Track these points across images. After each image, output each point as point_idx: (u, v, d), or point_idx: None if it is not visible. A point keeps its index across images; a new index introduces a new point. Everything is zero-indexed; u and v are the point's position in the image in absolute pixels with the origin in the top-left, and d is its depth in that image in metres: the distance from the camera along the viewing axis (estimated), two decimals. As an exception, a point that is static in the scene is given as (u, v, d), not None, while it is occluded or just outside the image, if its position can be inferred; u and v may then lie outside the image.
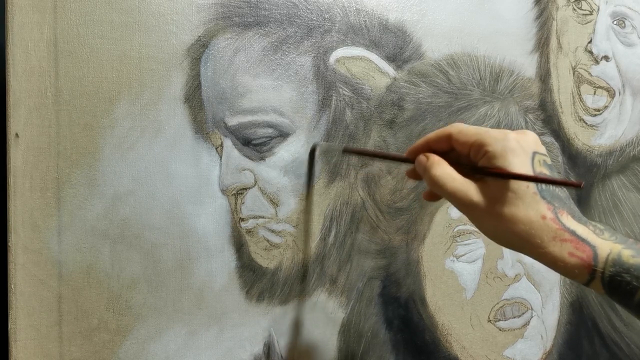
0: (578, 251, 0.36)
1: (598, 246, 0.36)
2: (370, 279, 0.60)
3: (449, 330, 0.63)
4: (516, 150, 0.38)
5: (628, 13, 0.76)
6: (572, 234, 0.37)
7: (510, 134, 0.39)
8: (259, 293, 0.55)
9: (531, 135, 0.39)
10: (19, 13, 0.47)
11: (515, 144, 0.38)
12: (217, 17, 0.53)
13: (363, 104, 0.59)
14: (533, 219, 0.36)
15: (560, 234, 0.36)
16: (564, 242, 0.36)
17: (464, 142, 0.40)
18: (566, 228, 0.37)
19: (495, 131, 0.39)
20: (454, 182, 0.39)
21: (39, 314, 0.47)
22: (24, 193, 0.47)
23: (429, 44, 0.63)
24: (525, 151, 0.38)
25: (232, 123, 0.53)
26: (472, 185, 0.39)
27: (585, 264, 0.36)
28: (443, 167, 0.40)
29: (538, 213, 0.36)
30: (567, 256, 0.36)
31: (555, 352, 0.69)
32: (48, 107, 0.48)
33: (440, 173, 0.40)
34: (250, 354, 0.54)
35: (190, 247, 0.52)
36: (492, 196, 0.38)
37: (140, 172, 0.50)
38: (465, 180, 0.39)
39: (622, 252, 0.36)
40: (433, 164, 0.41)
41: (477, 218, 0.39)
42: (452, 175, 0.39)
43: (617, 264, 0.36)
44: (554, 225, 0.36)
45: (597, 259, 0.36)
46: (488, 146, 0.38)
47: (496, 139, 0.38)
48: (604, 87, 0.74)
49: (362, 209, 0.59)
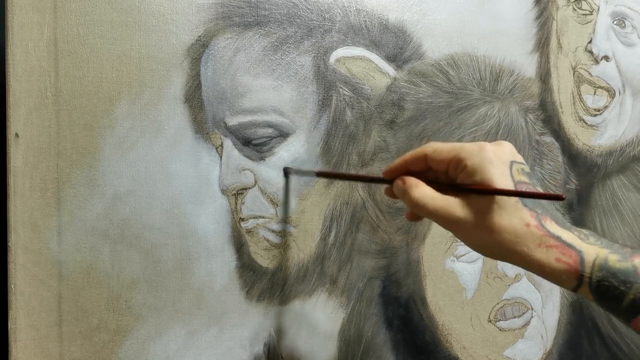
0: (564, 256, 0.36)
1: (584, 251, 0.36)
2: (371, 279, 0.60)
3: (449, 330, 0.63)
4: (494, 161, 0.38)
5: (628, 13, 0.76)
6: (558, 240, 0.37)
7: (487, 145, 0.39)
8: (259, 293, 0.55)
9: (507, 145, 0.40)
10: (19, 13, 0.47)
11: (492, 155, 0.38)
12: (217, 17, 0.53)
13: (363, 104, 0.59)
14: (517, 227, 0.36)
15: (545, 240, 0.36)
16: (550, 248, 0.36)
17: (441, 159, 0.40)
18: (551, 234, 0.37)
19: (470, 145, 0.39)
20: (434, 201, 0.39)
21: (39, 314, 0.47)
22: (24, 193, 0.47)
23: (429, 44, 0.63)
24: (503, 161, 0.38)
25: (232, 123, 0.53)
26: (453, 201, 0.39)
27: (572, 269, 0.36)
28: (421, 188, 0.40)
29: (522, 221, 0.37)
30: (553, 262, 0.36)
31: (555, 352, 0.69)
32: (48, 107, 0.47)
33: (419, 195, 0.40)
34: (250, 354, 0.54)
35: (190, 247, 0.52)
36: (474, 209, 0.38)
37: (140, 172, 0.50)
38: (446, 197, 0.39)
39: (608, 257, 0.36)
40: (411, 186, 0.41)
41: (462, 233, 0.39)
42: (431, 195, 0.40)
43: (604, 268, 0.36)
44: (539, 232, 0.36)
45: (584, 263, 0.36)
46: (466, 160, 0.39)
47: (473, 153, 0.39)
48: (604, 87, 0.74)
49: (363, 209, 0.59)
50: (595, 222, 0.73)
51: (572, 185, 0.72)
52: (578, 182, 0.72)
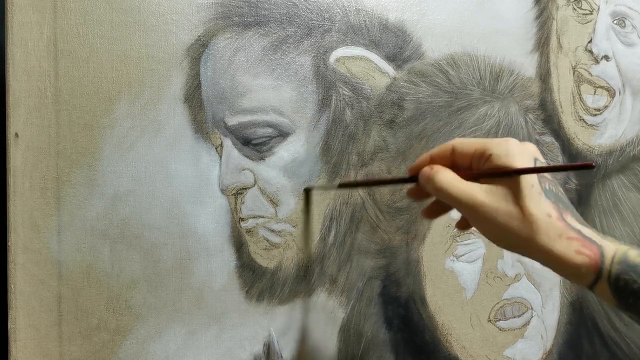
0: (585, 249, 0.36)
1: (605, 246, 0.36)
2: (371, 279, 0.60)
3: (449, 330, 0.63)
4: (519, 152, 0.39)
5: (628, 13, 0.76)
6: (579, 233, 0.37)
7: (512, 141, 0.40)
8: (259, 293, 0.55)
9: (531, 145, 0.41)
10: (19, 13, 0.47)
11: (517, 148, 0.39)
12: (217, 17, 0.53)
13: (363, 104, 0.59)
14: (539, 216, 0.36)
15: (566, 232, 0.36)
16: (571, 241, 0.36)
17: (467, 151, 0.41)
18: (572, 227, 0.37)
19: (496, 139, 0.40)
20: (458, 186, 0.40)
21: (39, 314, 0.47)
22: (24, 193, 0.47)
23: (429, 43, 0.63)
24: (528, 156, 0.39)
25: (232, 123, 0.53)
26: (477, 187, 0.39)
27: (592, 262, 0.36)
28: (447, 173, 0.41)
29: (544, 211, 0.37)
30: (574, 254, 0.36)
31: (555, 352, 0.69)
32: (48, 107, 0.48)
33: (444, 178, 0.40)
34: (250, 354, 0.54)
35: (190, 247, 0.52)
36: (498, 196, 0.38)
37: (140, 172, 0.50)
38: (470, 184, 0.40)
39: (628, 252, 0.36)
40: (438, 171, 0.41)
41: (482, 220, 0.39)
42: (457, 179, 0.40)
43: (624, 262, 0.35)
44: (560, 223, 0.36)
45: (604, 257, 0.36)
46: (491, 149, 0.39)
47: (499, 144, 0.39)
48: (605, 87, 0.74)
49: (362, 209, 0.59)
50: (596, 222, 0.73)
51: (572, 185, 0.72)
52: (578, 182, 0.72)
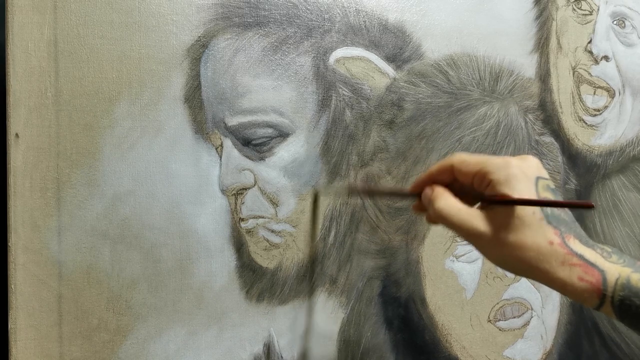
0: (587, 275, 0.36)
1: (607, 270, 0.36)
2: (370, 279, 0.60)
3: (448, 330, 0.63)
4: (519, 176, 0.38)
5: (628, 13, 0.76)
6: (581, 258, 0.37)
7: (512, 160, 0.39)
8: (259, 293, 0.55)
9: (533, 160, 0.40)
10: (19, 13, 0.47)
11: (518, 170, 0.38)
12: (217, 18, 0.53)
13: (363, 104, 0.59)
14: (541, 244, 0.36)
15: (568, 258, 0.36)
16: (573, 267, 0.36)
17: (467, 172, 0.41)
18: (574, 252, 0.37)
19: (497, 159, 0.39)
20: (459, 213, 0.39)
21: (39, 314, 0.47)
22: (24, 193, 0.47)
23: (429, 44, 0.63)
24: (529, 177, 0.38)
25: (232, 123, 0.53)
26: (477, 215, 0.39)
27: (594, 288, 0.36)
28: (447, 198, 0.40)
29: (545, 239, 0.37)
30: (576, 281, 0.36)
31: (555, 352, 0.69)
32: (48, 107, 0.48)
33: (444, 205, 0.40)
34: (250, 354, 0.54)
35: (190, 247, 0.52)
36: (498, 224, 0.38)
37: (140, 172, 0.50)
38: (471, 210, 0.39)
39: (631, 276, 0.36)
40: (437, 196, 0.41)
41: (484, 247, 0.39)
42: (457, 206, 0.40)
43: (627, 288, 0.36)
44: (562, 250, 0.36)
45: (607, 283, 0.36)
46: (491, 174, 0.39)
47: (499, 167, 0.39)
48: (604, 87, 0.74)
49: (362, 209, 0.59)
50: (595, 222, 0.73)
51: (572, 185, 0.72)
52: (578, 182, 0.72)
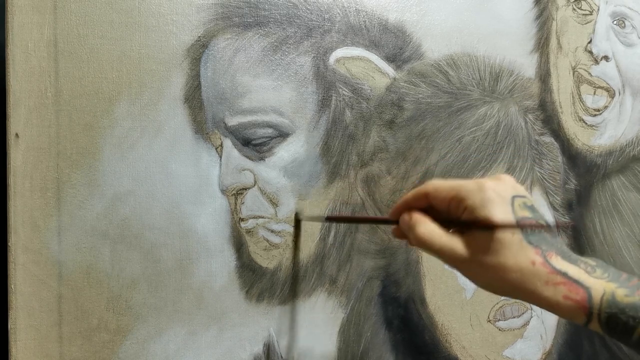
0: (572, 294, 0.36)
1: (591, 287, 0.36)
2: (370, 279, 0.60)
3: (448, 330, 0.63)
4: (494, 199, 0.37)
5: (628, 13, 0.76)
6: (564, 276, 0.36)
7: (486, 183, 0.38)
8: (259, 293, 0.55)
9: (507, 179, 0.39)
10: (19, 13, 0.47)
11: (492, 193, 0.38)
12: (217, 18, 0.53)
13: (363, 104, 0.59)
14: (523, 265, 0.36)
15: (552, 277, 0.36)
16: (557, 286, 0.36)
17: (442, 198, 0.40)
18: (557, 271, 0.36)
19: (470, 183, 0.39)
20: (440, 239, 0.39)
21: (39, 314, 0.47)
22: (24, 193, 0.47)
23: (429, 44, 0.63)
24: (504, 198, 0.38)
25: (232, 123, 0.53)
26: (457, 240, 0.39)
27: (580, 306, 0.36)
28: (427, 225, 0.40)
29: (527, 259, 0.36)
30: (561, 299, 0.36)
31: (555, 352, 0.69)
32: (48, 107, 0.48)
33: (424, 231, 0.40)
34: (250, 354, 0.54)
35: (190, 247, 0.52)
36: (479, 248, 0.37)
37: (140, 172, 0.50)
38: (450, 237, 0.39)
39: (615, 292, 0.36)
40: (416, 222, 0.40)
41: (467, 271, 0.39)
42: (437, 232, 0.39)
43: (612, 304, 0.36)
44: (545, 269, 0.36)
45: (592, 300, 0.36)
46: (466, 200, 0.38)
47: (472, 192, 0.38)
48: (604, 87, 0.74)
49: (362, 209, 0.59)
50: (595, 223, 0.73)
51: (572, 185, 0.72)
52: (577, 182, 0.72)
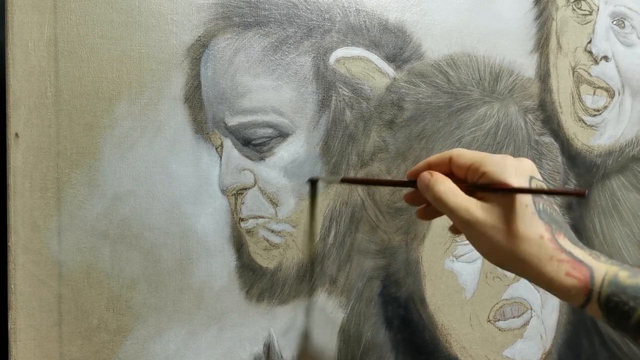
0: (575, 271, 0.36)
1: (594, 267, 0.37)
2: (370, 279, 0.60)
3: (448, 330, 0.63)
4: (513, 172, 0.39)
5: (628, 13, 0.76)
6: (569, 255, 0.37)
7: (509, 159, 0.40)
8: (259, 293, 0.55)
9: (528, 162, 0.41)
10: (19, 13, 0.47)
11: (512, 167, 0.39)
12: (217, 17, 0.53)
13: (363, 104, 0.59)
14: (531, 237, 0.37)
15: (557, 254, 0.37)
16: (561, 263, 0.37)
17: (463, 163, 0.41)
18: (563, 249, 0.37)
19: (494, 155, 0.40)
20: (456, 197, 0.40)
21: (39, 314, 0.47)
22: (24, 193, 0.47)
23: (429, 44, 0.63)
24: (523, 174, 0.39)
25: (232, 123, 0.53)
26: (473, 202, 0.39)
27: (582, 284, 0.36)
28: (447, 183, 0.41)
29: (536, 232, 0.37)
30: (563, 276, 0.36)
31: (554, 352, 0.69)
32: (48, 107, 0.48)
33: (444, 188, 0.41)
34: (250, 354, 0.54)
35: (190, 247, 0.52)
36: (492, 214, 0.38)
37: (140, 172, 0.50)
38: (467, 197, 0.40)
39: (618, 273, 0.36)
40: (437, 180, 0.41)
41: (476, 235, 0.40)
42: (455, 191, 0.40)
43: (614, 284, 0.36)
44: (551, 245, 0.37)
45: (594, 279, 0.36)
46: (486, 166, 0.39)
47: (494, 161, 0.40)
48: (604, 87, 0.74)
49: (362, 209, 0.59)
50: (595, 223, 0.73)
51: (572, 185, 0.72)
52: (577, 182, 0.72)
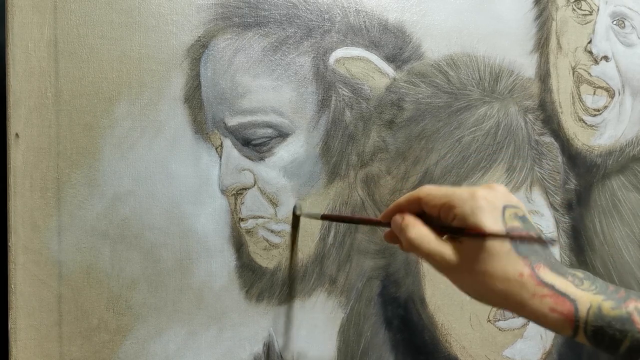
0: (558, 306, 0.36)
1: (578, 300, 0.36)
2: (370, 279, 0.60)
3: (448, 330, 0.63)
4: (485, 208, 0.37)
5: (628, 13, 0.76)
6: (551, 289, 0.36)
7: (478, 191, 0.38)
8: (259, 293, 0.55)
9: (500, 188, 0.39)
10: (19, 13, 0.47)
11: (483, 202, 0.38)
12: (217, 18, 0.53)
13: (362, 104, 0.59)
14: (510, 277, 0.36)
15: (539, 290, 0.36)
16: (544, 298, 0.36)
17: (433, 205, 0.40)
18: (545, 283, 0.36)
19: (462, 191, 0.39)
20: (429, 244, 0.39)
21: (39, 314, 0.47)
22: (24, 193, 0.47)
23: (429, 44, 0.63)
24: (495, 207, 0.38)
25: (232, 123, 0.54)
26: (447, 247, 0.39)
27: (566, 319, 0.36)
28: (418, 228, 0.40)
29: (515, 271, 0.36)
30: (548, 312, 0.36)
31: (554, 352, 0.69)
32: (48, 107, 0.48)
33: (416, 235, 0.40)
34: (250, 354, 0.54)
35: (190, 247, 0.52)
36: (468, 256, 0.37)
37: (140, 172, 0.50)
38: (440, 242, 0.39)
39: (602, 305, 0.36)
40: (408, 225, 0.40)
41: (455, 279, 0.39)
42: (428, 237, 0.39)
43: (599, 317, 0.35)
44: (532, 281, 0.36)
45: (578, 313, 0.36)
46: (457, 208, 0.38)
47: (464, 200, 0.38)
48: (604, 87, 0.74)
49: (362, 209, 0.59)
50: (595, 223, 0.73)
51: (572, 185, 0.72)
52: (577, 182, 0.72)
